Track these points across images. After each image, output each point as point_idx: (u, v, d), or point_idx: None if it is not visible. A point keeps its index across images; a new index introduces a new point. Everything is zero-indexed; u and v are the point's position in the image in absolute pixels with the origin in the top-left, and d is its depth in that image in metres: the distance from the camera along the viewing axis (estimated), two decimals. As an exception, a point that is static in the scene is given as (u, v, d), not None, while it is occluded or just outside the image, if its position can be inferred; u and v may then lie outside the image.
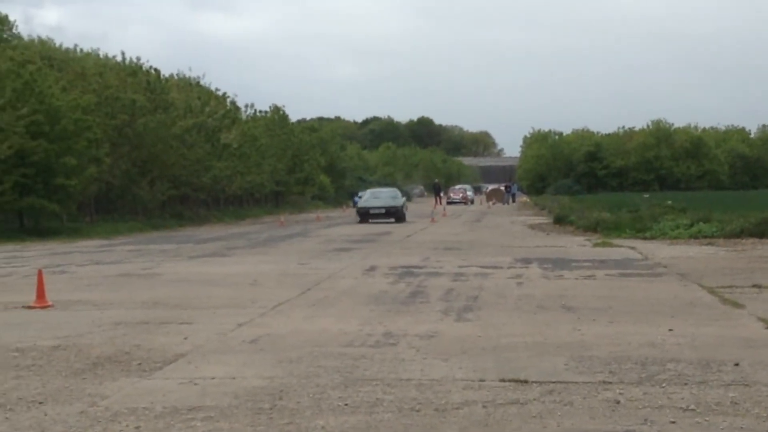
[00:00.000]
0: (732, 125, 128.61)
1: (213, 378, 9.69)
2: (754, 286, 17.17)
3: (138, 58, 60.24)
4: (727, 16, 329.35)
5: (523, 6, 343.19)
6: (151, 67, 58.93)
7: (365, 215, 52.91)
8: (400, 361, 10.40)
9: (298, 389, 9.09)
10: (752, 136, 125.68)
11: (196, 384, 9.43)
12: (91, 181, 46.21)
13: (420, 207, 69.08)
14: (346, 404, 8.48)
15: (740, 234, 30.55)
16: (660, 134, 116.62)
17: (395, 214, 52.37)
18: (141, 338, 12.33)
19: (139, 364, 10.61)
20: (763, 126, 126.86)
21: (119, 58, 60.73)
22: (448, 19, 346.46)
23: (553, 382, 9.21)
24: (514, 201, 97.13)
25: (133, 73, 56.01)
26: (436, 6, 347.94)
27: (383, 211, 52.89)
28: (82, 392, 9.19)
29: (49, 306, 15.82)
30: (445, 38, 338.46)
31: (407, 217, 53.93)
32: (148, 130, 52.07)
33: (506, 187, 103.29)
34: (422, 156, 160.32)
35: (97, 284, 19.75)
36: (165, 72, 61.43)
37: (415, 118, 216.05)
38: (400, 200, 54.21)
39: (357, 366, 10.18)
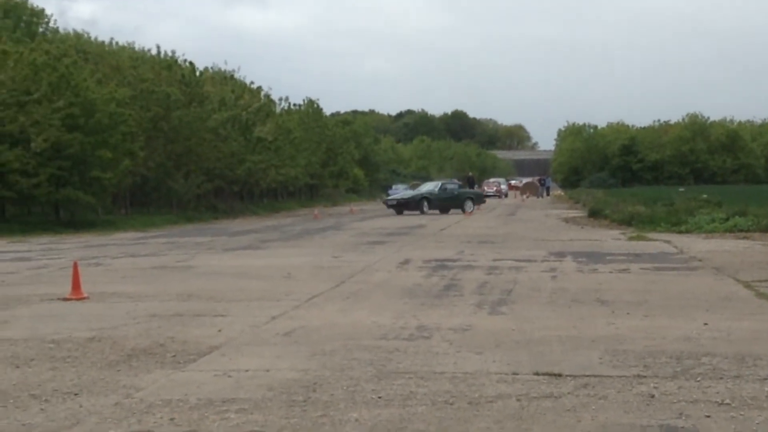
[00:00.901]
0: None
1: (247, 370, 9.72)
2: (791, 280, 17.06)
3: (173, 52, 60.47)
4: (763, 9, 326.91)
5: (558, 0, 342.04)
6: (185, 60, 59.16)
7: (387, 206, 56.69)
8: (433, 354, 10.39)
9: (331, 382, 9.11)
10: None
11: (230, 376, 9.46)
12: (126, 173, 46.47)
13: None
14: (379, 397, 8.48)
15: (776, 228, 30.36)
16: (695, 128, 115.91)
17: (405, 206, 54.31)
18: (175, 330, 12.38)
19: (174, 356, 10.66)
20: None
21: (154, 52, 61.04)
22: (481, 13, 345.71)
23: (588, 376, 9.18)
24: (548, 194, 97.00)
25: (168, 66, 56.22)
26: (468, 0, 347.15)
27: (394, 202, 55.61)
28: (116, 384, 9.24)
29: (84, 298, 15.91)
30: (479, 32, 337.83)
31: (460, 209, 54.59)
32: (183, 123, 52.31)
33: (540, 180, 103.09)
34: (456, 149, 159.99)
35: (132, 276, 19.86)
36: (200, 65, 61.72)
37: (449, 112, 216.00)
38: (416, 192, 56.92)
39: (390, 359, 10.18)
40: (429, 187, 58.37)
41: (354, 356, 10.36)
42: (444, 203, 55.06)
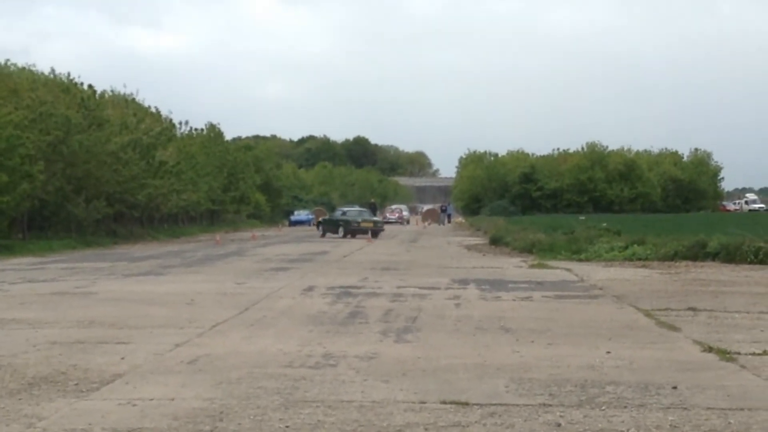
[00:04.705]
0: (665, 148, 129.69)
1: (152, 399, 9.59)
2: (689, 309, 17.36)
3: (68, 74, 59.50)
4: (660, 39, 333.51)
5: (458, 27, 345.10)
6: (82, 83, 58.31)
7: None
8: (340, 383, 10.36)
9: (238, 411, 9.03)
10: (684, 159, 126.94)
11: (134, 405, 9.33)
12: (24, 197, 45.59)
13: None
14: (287, 426, 8.43)
15: (674, 257, 30.94)
16: (594, 156, 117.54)
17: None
18: (77, 358, 12.17)
19: (76, 384, 10.47)
20: (695, 150, 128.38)
21: (48, 74, 59.96)
22: (381, 40, 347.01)
23: (494, 405, 9.23)
24: (449, 221, 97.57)
25: (66, 89, 55.40)
26: (371, 27, 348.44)
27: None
28: (18, 413, 9.05)
29: (-18, 325, 15.58)
30: (380, 58, 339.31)
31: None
32: (83, 147, 51.52)
33: (441, 207, 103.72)
34: (358, 176, 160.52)
35: (30, 302, 19.46)
36: (99, 88, 60.82)
37: (351, 138, 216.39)
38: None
39: (297, 387, 10.13)
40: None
41: (260, 385, 10.28)
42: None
